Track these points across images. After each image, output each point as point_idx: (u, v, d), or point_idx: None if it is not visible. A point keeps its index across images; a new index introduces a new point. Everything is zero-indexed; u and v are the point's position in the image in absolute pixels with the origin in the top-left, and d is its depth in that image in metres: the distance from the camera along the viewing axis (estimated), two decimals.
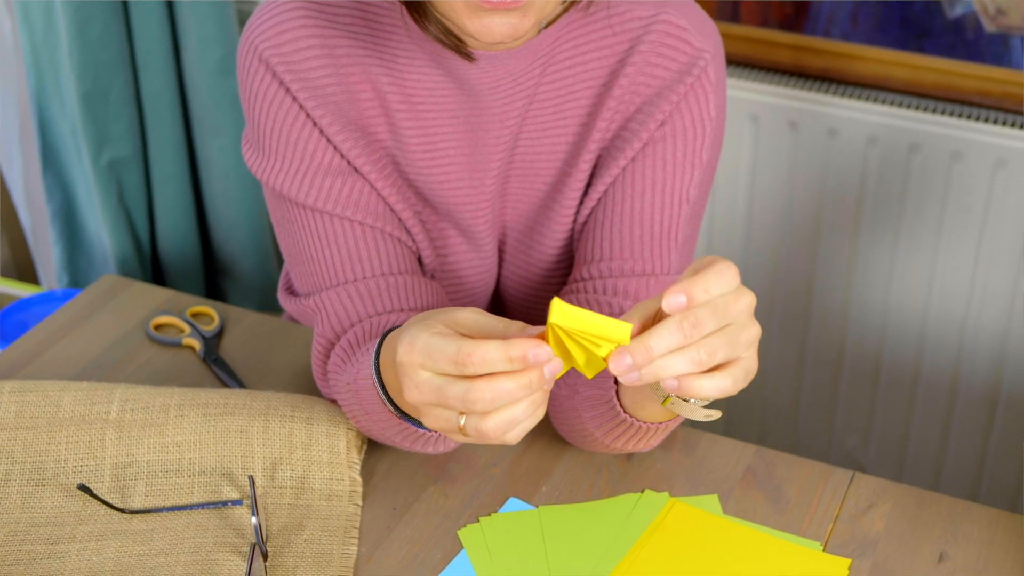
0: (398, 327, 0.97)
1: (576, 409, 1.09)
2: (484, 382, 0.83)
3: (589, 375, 0.87)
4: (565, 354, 0.85)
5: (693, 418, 0.93)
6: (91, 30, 1.88)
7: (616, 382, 1.04)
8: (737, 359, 0.86)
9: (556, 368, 0.84)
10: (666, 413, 1.02)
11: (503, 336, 0.85)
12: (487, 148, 1.14)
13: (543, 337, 0.84)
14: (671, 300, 0.83)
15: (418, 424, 1.00)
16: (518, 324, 0.87)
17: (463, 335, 0.86)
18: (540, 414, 0.86)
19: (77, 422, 1.12)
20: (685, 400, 0.92)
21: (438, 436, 1.03)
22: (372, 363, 0.98)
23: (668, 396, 0.92)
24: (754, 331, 0.87)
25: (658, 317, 0.87)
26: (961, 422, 1.89)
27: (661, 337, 0.83)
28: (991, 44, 1.72)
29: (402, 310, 1.12)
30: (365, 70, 1.11)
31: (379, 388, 0.98)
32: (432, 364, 0.85)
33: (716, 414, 0.93)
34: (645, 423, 1.03)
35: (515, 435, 0.86)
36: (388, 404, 0.98)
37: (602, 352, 0.84)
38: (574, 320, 0.82)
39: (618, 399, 1.04)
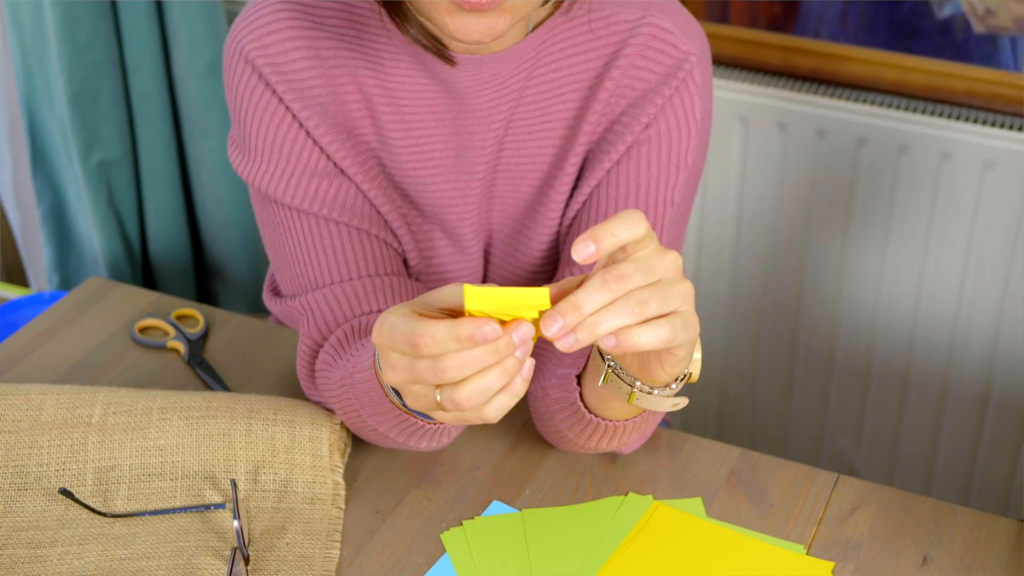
0: None
1: (548, 411, 1.09)
2: (453, 352, 0.82)
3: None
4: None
5: (660, 409, 0.93)
6: (80, 31, 1.88)
7: (579, 383, 1.04)
8: (674, 311, 0.85)
9: (526, 333, 0.82)
10: (632, 409, 1.01)
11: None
12: (473, 151, 1.14)
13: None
14: (579, 248, 0.81)
15: (419, 413, 0.99)
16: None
17: (441, 311, 0.85)
18: (518, 386, 0.84)
19: (59, 426, 1.12)
20: (649, 392, 0.92)
21: (435, 429, 1.03)
22: (376, 352, 0.97)
23: (632, 392, 0.92)
24: (685, 287, 0.86)
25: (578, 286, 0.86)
26: (952, 423, 1.88)
27: (588, 294, 0.82)
28: (980, 45, 1.72)
29: (389, 304, 1.12)
30: (351, 72, 1.11)
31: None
32: (396, 345, 0.85)
33: (683, 401, 0.93)
34: (612, 421, 1.03)
35: (493, 409, 0.84)
36: (392, 393, 0.97)
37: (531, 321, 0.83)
38: (489, 301, 0.81)
39: (582, 401, 1.04)
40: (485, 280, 1.25)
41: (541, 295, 0.82)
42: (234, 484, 1.06)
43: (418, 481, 1.14)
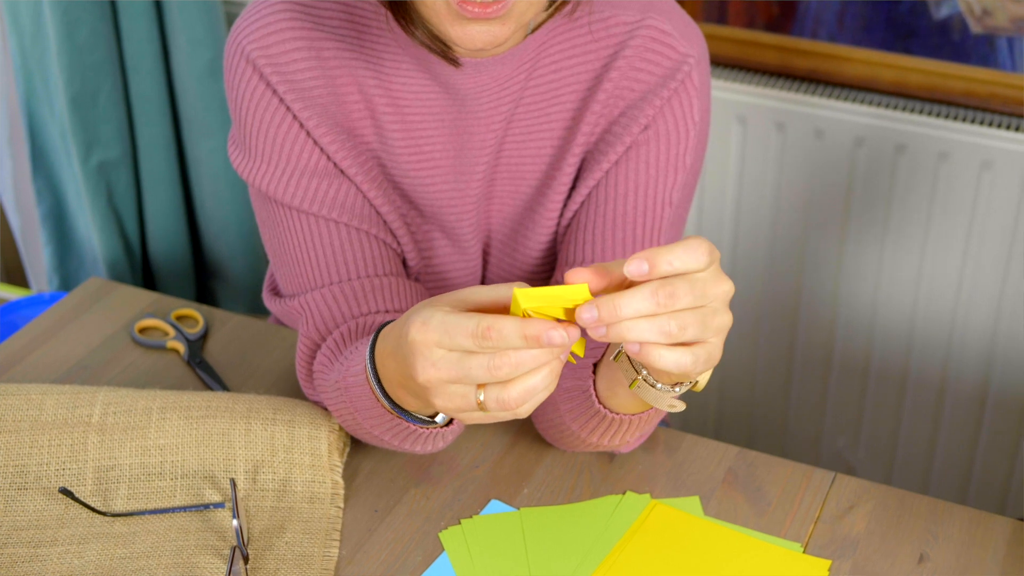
0: (391, 322, 0.97)
1: (554, 401, 1.09)
2: (509, 350, 0.83)
3: (581, 353, 0.88)
4: None
5: (658, 405, 0.93)
6: (79, 33, 1.88)
7: (594, 372, 1.04)
8: (704, 341, 0.86)
9: (576, 336, 0.84)
10: (638, 405, 1.02)
11: (507, 300, 0.86)
12: (473, 151, 1.14)
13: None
14: (632, 265, 0.82)
15: (411, 419, 0.99)
16: (521, 285, 0.87)
17: (476, 310, 0.86)
18: (554, 385, 0.86)
19: (59, 425, 1.12)
20: (652, 385, 0.92)
21: (429, 433, 1.03)
22: (367, 356, 0.98)
23: (637, 379, 0.92)
24: (726, 319, 0.86)
25: (625, 284, 0.86)
26: (950, 422, 1.89)
27: (632, 300, 0.82)
28: (977, 45, 1.73)
29: (387, 311, 1.12)
30: (352, 72, 1.11)
31: (374, 382, 0.97)
32: (449, 340, 0.84)
33: (680, 406, 0.93)
34: (618, 415, 1.04)
35: (530, 406, 0.86)
36: (383, 398, 0.98)
37: (570, 320, 0.85)
38: (540, 300, 0.83)
39: (595, 390, 1.04)
40: (484, 280, 1.25)
41: (582, 291, 0.83)
42: (233, 483, 1.07)
43: (416, 480, 1.14)
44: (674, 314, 0.83)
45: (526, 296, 0.83)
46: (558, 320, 0.84)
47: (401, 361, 0.90)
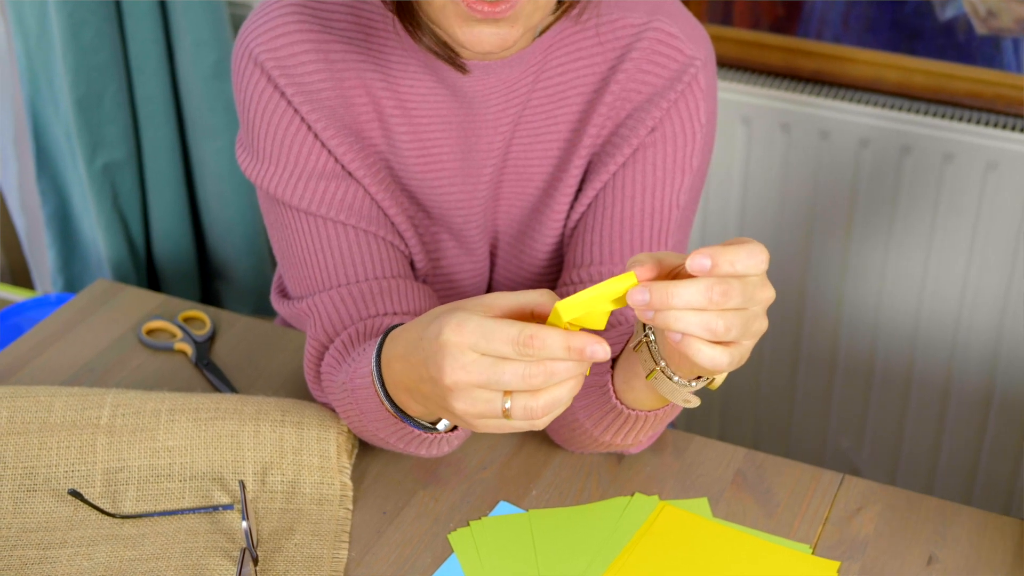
0: (400, 325, 0.97)
1: None
2: (544, 361, 0.84)
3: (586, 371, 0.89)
4: None
5: (672, 399, 0.94)
6: (84, 34, 1.89)
7: (613, 367, 1.04)
8: (739, 343, 0.86)
9: (601, 355, 0.84)
10: (653, 401, 1.02)
11: (535, 308, 0.87)
12: (480, 154, 1.14)
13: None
14: (695, 261, 0.82)
15: (413, 423, 0.99)
16: (547, 292, 0.88)
17: (508, 315, 0.87)
18: (571, 399, 0.88)
19: (68, 427, 1.12)
20: (670, 378, 0.92)
21: (433, 438, 1.04)
22: (373, 360, 0.98)
23: (654, 370, 0.93)
24: (764, 324, 0.87)
25: (677, 275, 0.87)
26: (955, 423, 1.89)
27: (686, 291, 0.83)
28: (982, 46, 1.73)
29: (395, 313, 1.12)
30: (359, 75, 1.11)
31: (378, 386, 0.98)
32: (486, 345, 0.84)
33: (695, 401, 0.93)
34: (634, 410, 1.04)
35: (550, 419, 0.87)
36: (386, 401, 0.98)
37: (600, 323, 0.86)
38: (581, 307, 0.84)
39: (612, 384, 1.04)
40: (491, 281, 1.26)
41: (629, 279, 0.84)
42: (242, 485, 1.07)
43: (425, 482, 1.15)
44: (722, 313, 0.84)
45: (568, 308, 0.84)
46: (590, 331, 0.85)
47: (417, 364, 0.90)
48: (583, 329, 0.86)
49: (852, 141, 1.75)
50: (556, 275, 1.22)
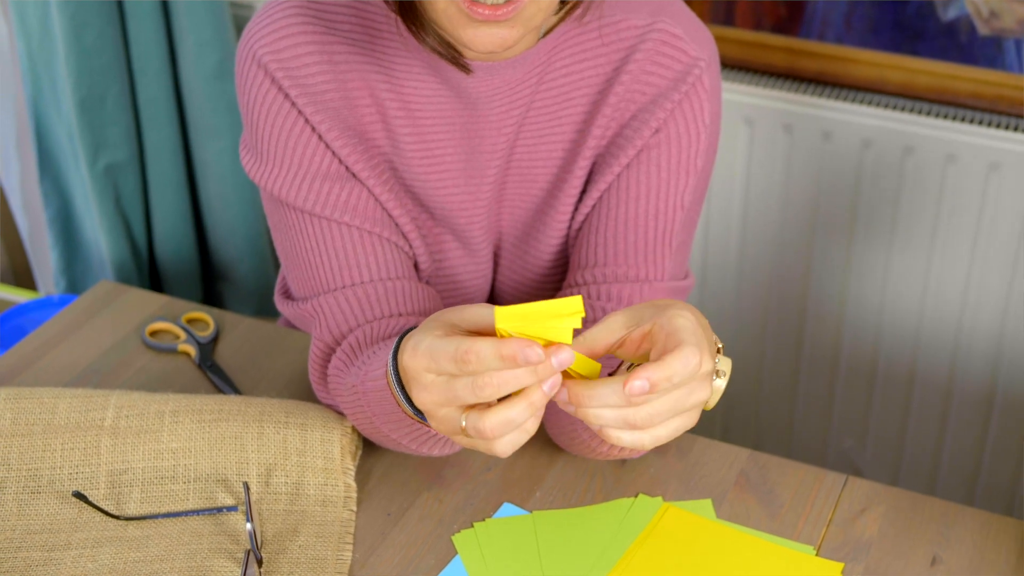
0: (415, 328, 0.97)
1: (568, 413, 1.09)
2: (493, 371, 0.84)
3: (595, 374, 0.88)
4: None
5: None
6: (87, 36, 1.89)
7: None
8: (670, 421, 0.87)
9: (566, 358, 0.83)
10: None
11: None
12: (484, 155, 1.14)
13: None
14: (634, 386, 0.83)
15: None
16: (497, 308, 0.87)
17: (468, 332, 0.87)
18: (534, 425, 0.87)
19: (72, 429, 1.12)
20: None
21: (447, 437, 1.04)
22: (390, 361, 0.98)
23: None
24: (702, 395, 0.88)
25: (638, 337, 0.88)
26: (957, 424, 1.89)
27: (601, 397, 0.85)
28: (984, 47, 1.73)
29: (400, 315, 1.12)
30: (363, 76, 1.11)
31: (396, 387, 0.98)
32: (436, 365, 0.86)
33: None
34: None
35: (508, 442, 0.87)
36: (405, 403, 0.98)
37: (565, 337, 0.83)
38: (521, 319, 0.82)
39: None
40: (494, 284, 1.26)
41: (574, 303, 0.82)
42: (246, 487, 1.07)
43: (429, 483, 1.15)
44: (644, 407, 0.85)
45: (504, 316, 0.83)
46: (548, 342, 0.84)
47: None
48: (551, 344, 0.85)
49: (854, 142, 1.75)
50: (560, 277, 1.22)
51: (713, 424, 2.08)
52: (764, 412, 2.03)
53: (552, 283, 1.22)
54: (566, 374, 0.86)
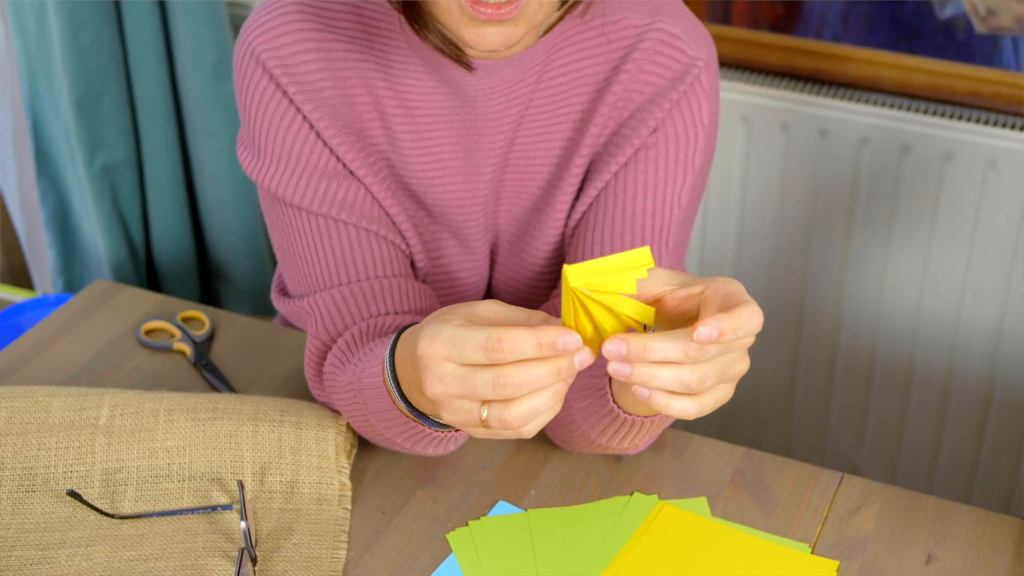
0: (413, 325, 0.97)
1: (568, 401, 1.09)
2: (514, 367, 0.83)
3: (650, 322, 0.87)
4: (589, 318, 0.85)
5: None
6: (84, 35, 1.89)
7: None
8: (714, 390, 0.87)
9: (586, 358, 0.83)
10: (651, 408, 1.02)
11: (526, 323, 0.86)
12: (482, 153, 1.14)
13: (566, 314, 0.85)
14: (703, 333, 0.82)
15: (429, 422, 0.99)
16: (540, 314, 0.87)
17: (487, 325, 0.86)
18: (559, 407, 0.87)
19: (67, 428, 1.12)
20: None
21: (443, 436, 1.03)
22: (386, 358, 0.98)
23: None
24: (744, 365, 0.88)
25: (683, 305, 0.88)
26: (955, 422, 1.89)
27: (663, 345, 0.83)
28: (981, 45, 1.73)
29: (396, 312, 1.12)
30: (361, 74, 1.11)
31: (392, 385, 0.97)
32: (459, 354, 0.85)
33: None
34: (631, 416, 1.03)
35: (534, 427, 0.86)
36: (400, 401, 0.98)
37: (630, 287, 0.83)
38: (591, 273, 0.82)
39: (610, 388, 1.04)
40: (490, 281, 1.26)
41: (643, 254, 0.82)
42: (241, 485, 1.07)
43: (424, 482, 1.15)
44: (697, 365, 0.84)
45: (576, 273, 0.82)
46: (606, 307, 0.83)
47: (411, 372, 0.91)
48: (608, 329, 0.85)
49: (852, 140, 1.75)
50: (556, 274, 1.22)
51: (710, 423, 2.08)
52: (761, 411, 2.03)
53: (548, 281, 1.22)
54: (617, 317, 0.85)
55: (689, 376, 0.84)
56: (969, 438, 1.89)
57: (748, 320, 0.84)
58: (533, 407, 0.85)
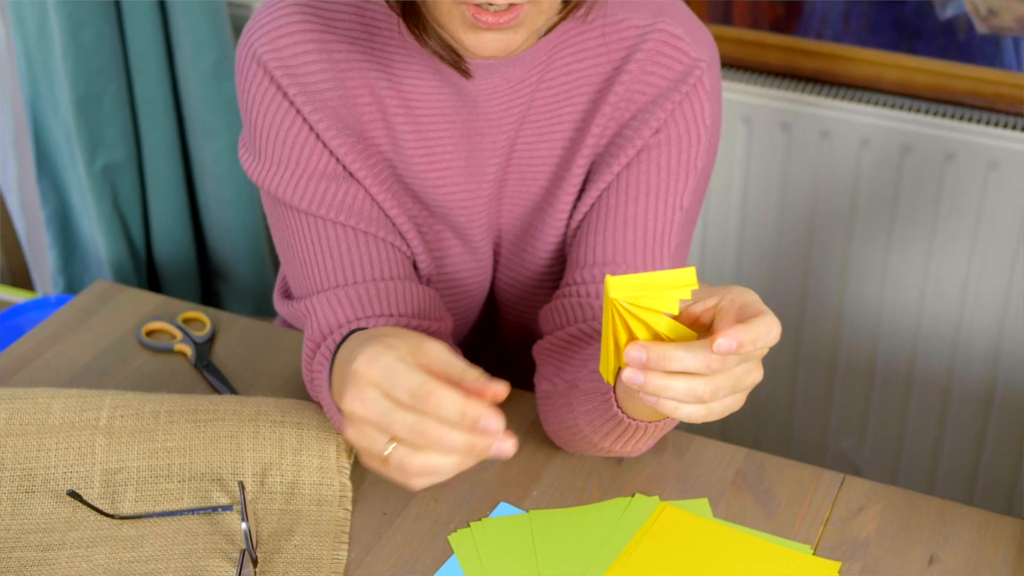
0: (361, 331, 0.97)
1: (571, 404, 1.09)
2: (437, 423, 0.83)
3: (610, 375, 0.87)
4: (626, 330, 0.85)
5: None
6: (84, 35, 1.88)
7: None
8: (724, 399, 0.87)
9: (507, 450, 0.83)
10: (655, 413, 1.02)
11: (460, 379, 0.85)
12: (484, 153, 1.14)
13: (610, 319, 0.85)
14: (723, 344, 0.83)
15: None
16: (475, 372, 0.87)
17: (425, 367, 0.86)
18: (454, 474, 0.87)
19: (67, 429, 1.12)
20: None
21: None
22: (328, 363, 0.97)
23: None
24: (757, 376, 0.88)
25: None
26: (956, 422, 1.89)
27: (684, 357, 0.84)
28: (983, 45, 1.73)
29: (391, 315, 1.12)
30: (363, 75, 1.11)
31: (328, 390, 0.97)
32: (388, 387, 0.85)
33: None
34: (635, 421, 1.03)
35: (425, 483, 0.86)
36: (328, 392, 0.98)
37: (672, 307, 0.83)
38: (633, 287, 0.82)
39: (615, 393, 1.04)
40: (494, 281, 1.25)
41: (687, 275, 0.83)
42: (241, 486, 1.07)
43: None
44: (712, 377, 0.85)
45: (618, 285, 0.82)
46: (645, 324, 0.83)
47: (341, 378, 0.91)
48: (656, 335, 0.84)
49: (853, 141, 1.75)
50: (558, 276, 1.22)
51: (711, 424, 2.08)
52: (762, 411, 2.03)
53: (551, 281, 1.22)
54: (656, 336, 0.85)
55: (702, 389, 0.85)
56: (970, 438, 1.89)
57: (766, 331, 0.84)
58: (435, 465, 0.85)
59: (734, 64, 1.85)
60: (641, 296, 0.82)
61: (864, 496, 1.13)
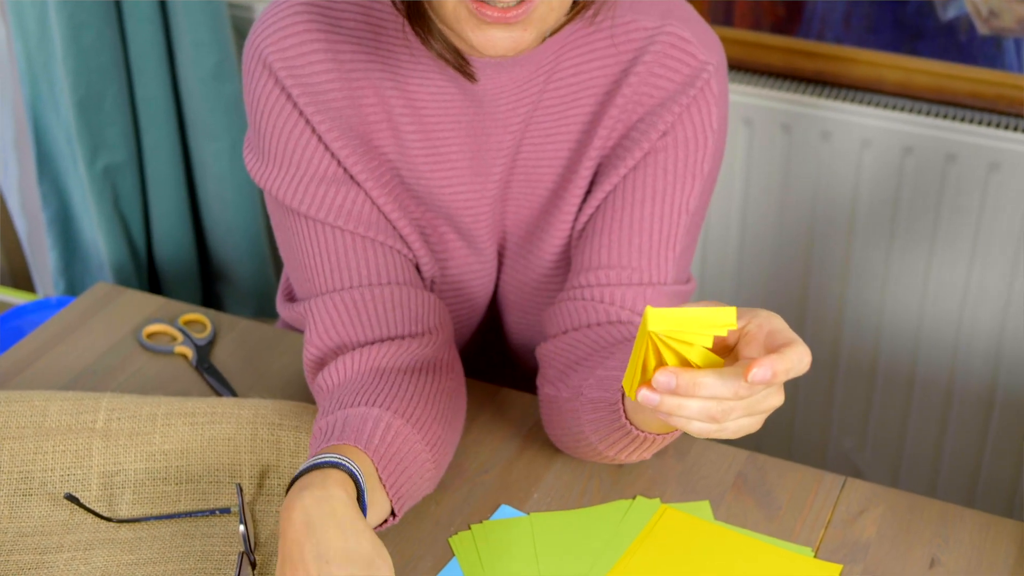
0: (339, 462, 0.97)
1: (576, 412, 1.08)
2: None
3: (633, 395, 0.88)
4: (657, 358, 0.85)
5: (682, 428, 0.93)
6: (85, 36, 1.88)
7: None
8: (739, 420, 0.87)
9: None
10: (663, 425, 1.01)
11: None
12: (490, 153, 1.14)
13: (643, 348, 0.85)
14: (758, 374, 0.83)
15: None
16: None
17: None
18: None
19: (64, 431, 1.12)
20: None
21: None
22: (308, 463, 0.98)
23: None
24: (776, 401, 0.88)
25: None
26: (957, 424, 1.88)
27: (715, 385, 0.84)
28: (984, 46, 1.72)
29: (388, 318, 1.12)
30: (369, 75, 1.11)
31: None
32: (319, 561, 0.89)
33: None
34: (642, 432, 1.02)
35: None
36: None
37: (707, 342, 0.84)
38: (672, 321, 0.82)
39: (623, 403, 1.03)
40: (498, 283, 1.25)
41: (727, 315, 0.83)
42: (240, 488, 1.06)
43: None
44: (726, 401, 0.85)
45: (657, 318, 0.82)
46: (676, 353, 0.84)
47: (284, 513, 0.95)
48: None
49: (854, 142, 1.75)
50: (563, 278, 1.21)
51: None
52: None
53: (555, 283, 1.21)
54: (685, 363, 0.85)
55: (716, 409, 0.85)
56: (972, 440, 1.89)
57: (799, 361, 0.85)
58: None
59: (735, 65, 1.85)
60: (679, 330, 0.83)
61: (865, 498, 1.13)
